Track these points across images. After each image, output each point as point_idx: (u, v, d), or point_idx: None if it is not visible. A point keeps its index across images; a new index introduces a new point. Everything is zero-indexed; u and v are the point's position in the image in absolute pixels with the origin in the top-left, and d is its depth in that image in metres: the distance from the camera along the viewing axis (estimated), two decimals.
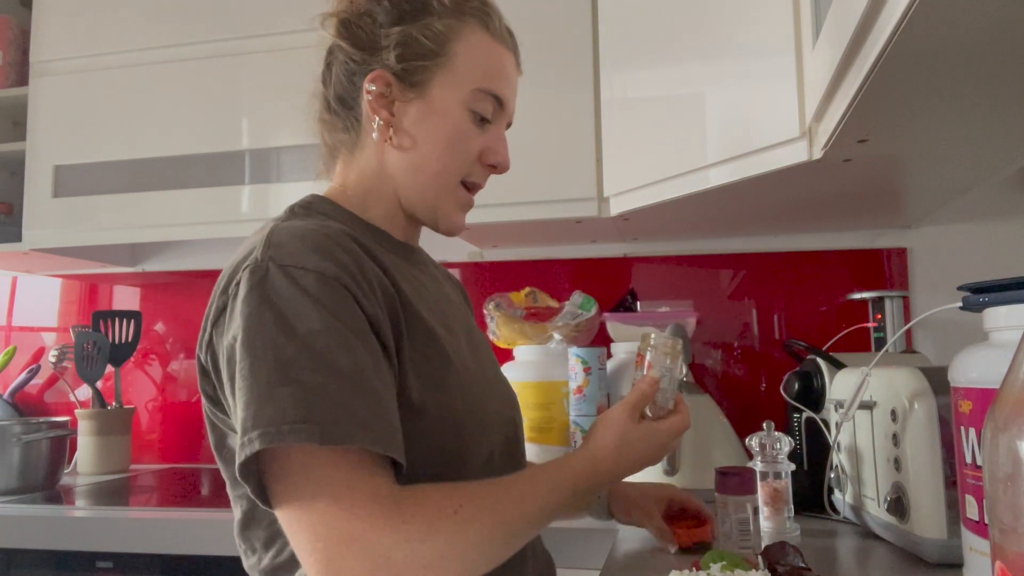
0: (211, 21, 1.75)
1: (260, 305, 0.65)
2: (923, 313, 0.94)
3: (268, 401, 0.62)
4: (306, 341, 0.63)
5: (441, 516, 0.63)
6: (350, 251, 0.70)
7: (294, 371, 0.62)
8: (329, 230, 0.72)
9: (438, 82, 0.80)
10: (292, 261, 0.67)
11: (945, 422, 0.87)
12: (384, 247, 0.81)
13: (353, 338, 0.66)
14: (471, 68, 0.81)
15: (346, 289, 0.67)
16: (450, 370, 0.76)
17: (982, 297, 0.77)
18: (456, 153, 0.81)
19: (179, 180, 1.75)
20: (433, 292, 0.85)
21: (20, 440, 1.61)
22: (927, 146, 1.07)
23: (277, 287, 0.66)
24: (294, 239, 0.69)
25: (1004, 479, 0.45)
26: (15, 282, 2.27)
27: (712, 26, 1.29)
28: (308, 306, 0.65)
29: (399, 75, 0.80)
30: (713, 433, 1.29)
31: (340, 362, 0.64)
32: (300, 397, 0.61)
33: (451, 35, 0.80)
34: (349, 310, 0.67)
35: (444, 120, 0.80)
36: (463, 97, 0.80)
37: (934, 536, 0.88)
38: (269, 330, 0.64)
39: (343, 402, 0.62)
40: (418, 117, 0.80)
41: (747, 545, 0.92)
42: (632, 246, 1.87)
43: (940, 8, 0.64)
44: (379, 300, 0.70)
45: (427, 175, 0.81)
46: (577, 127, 1.54)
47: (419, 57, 0.79)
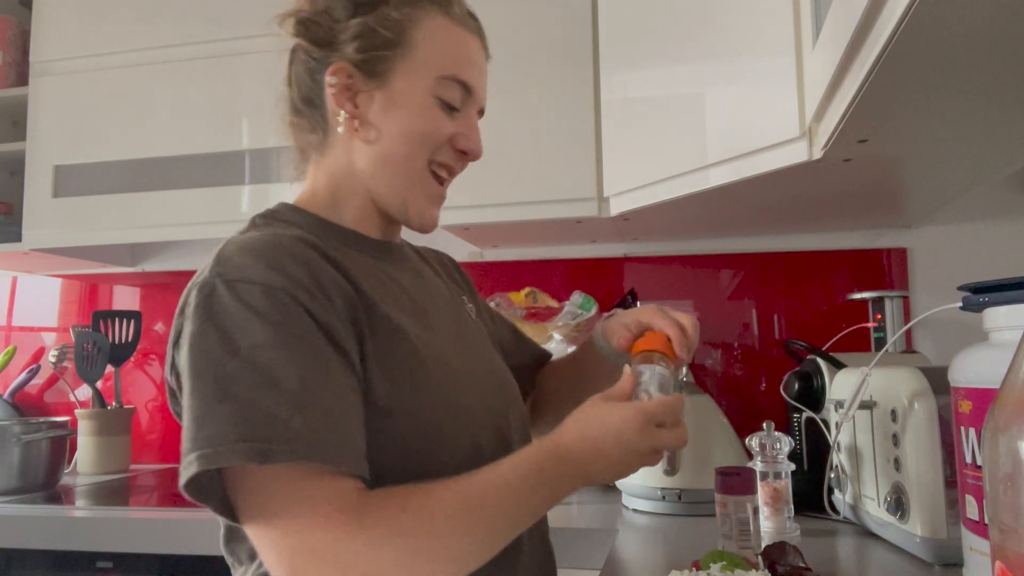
0: (211, 21, 1.75)
1: (204, 323, 0.65)
2: (923, 313, 0.94)
3: (207, 421, 0.62)
4: (248, 357, 0.63)
5: (404, 517, 0.63)
6: (301, 259, 0.69)
7: (234, 388, 0.62)
8: (281, 239, 0.71)
9: (400, 71, 0.79)
10: (238, 275, 0.67)
11: (945, 422, 0.87)
12: (354, 248, 0.80)
13: (300, 350, 0.65)
14: (433, 55, 0.79)
15: (294, 300, 0.66)
16: (421, 368, 0.75)
17: (982, 297, 0.77)
18: (423, 140, 0.79)
19: (179, 180, 1.75)
20: (411, 288, 0.83)
21: (20, 440, 1.61)
22: (927, 146, 1.07)
23: (223, 303, 0.65)
24: (242, 252, 0.69)
25: (1004, 479, 0.45)
26: (15, 282, 2.27)
27: (712, 26, 1.29)
28: (252, 321, 0.64)
29: (360, 66, 0.79)
30: (713, 433, 1.29)
31: (283, 376, 0.63)
32: (238, 415, 0.61)
33: (409, 23, 0.79)
34: (297, 321, 0.66)
35: (409, 109, 0.79)
36: (427, 85, 0.79)
37: (934, 536, 0.88)
38: (211, 348, 0.64)
39: (284, 418, 0.61)
40: (382, 108, 0.79)
41: (747, 545, 0.92)
42: (632, 246, 1.87)
43: (940, 8, 0.64)
44: (335, 306, 0.69)
45: (394, 164, 0.79)
46: (577, 127, 1.54)
47: (379, 47, 0.78)
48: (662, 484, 1.23)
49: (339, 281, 0.71)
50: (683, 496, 1.22)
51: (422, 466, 0.71)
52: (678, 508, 1.23)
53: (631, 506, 1.30)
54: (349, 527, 0.61)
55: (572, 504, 1.36)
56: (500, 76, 1.55)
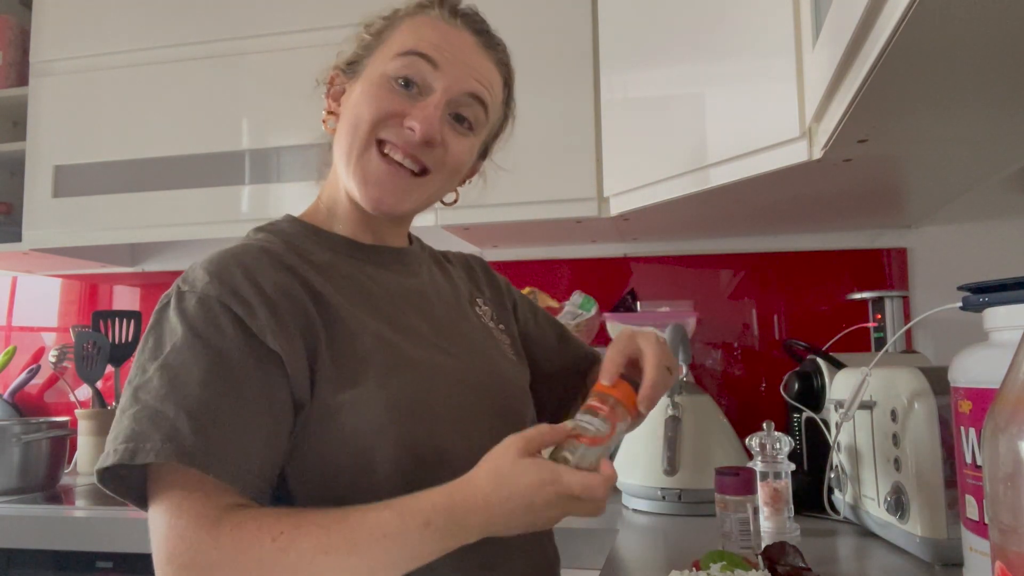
0: (211, 21, 1.75)
1: (148, 333, 0.70)
2: (923, 313, 0.94)
3: (116, 424, 0.67)
4: (164, 364, 0.67)
5: (256, 543, 0.62)
6: (250, 269, 0.72)
7: (142, 393, 0.66)
8: (241, 250, 0.74)
9: (370, 64, 0.83)
10: (187, 287, 0.71)
11: (945, 422, 0.87)
12: (340, 253, 0.82)
13: (213, 360, 0.67)
14: (397, 43, 0.82)
15: (226, 308, 0.69)
16: (382, 365, 0.74)
17: (982, 297, 0.77)
18: (364, 111, 0.79)
19: (179, 180, 1.75)
20: (395, 291, 0.83)
21: (20, 440, 1.61)
22: (927, 146, 1.07)
23: (168, 315, 0.70)
24: (202, 264, 0.73)
25: (1004, 479, 0.45)
26: (15, 282, 2.27)
27: (712, 26, 1.29)
28: (179, 329, 0.68)
29: (344, 69, 0.85)
30: (713, 433, 1.29)
31: (186, 382, 0.66)
32: (136, 418, 0.65)
33: (388, 27, 0.84)
34: (220, 329, 0.68)
35: (362, 88, 0.81)
36: (385, 67, 0.80)
37: (934, 536, 0.88)
38: (143, 357, 0.69)
39: (170, 419, 0.64)
40: (348, 97, 0.84)
41: (747, 545, 0.92)
42: (632, 246, 1.87)
43: (940, 8, 0.64)
44: (277, 313, 0.70)
45: (343, 141, 0.81)
46: (577, 127, 1.54)
47: (360, 48, 0.84)
48: (662, 484, 1.23)
49: (288, 287, 0.73)
50: (683, 496, 1.22)
51: (371, 465, 0.71)
52: (678, 508, 1.23)
53: (631, 506, 1.30)
54: (204, 543, 0.62)
55: None
56: None
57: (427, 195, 0.83)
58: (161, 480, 0.65)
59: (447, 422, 0.76)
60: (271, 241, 0.79)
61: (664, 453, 1.20)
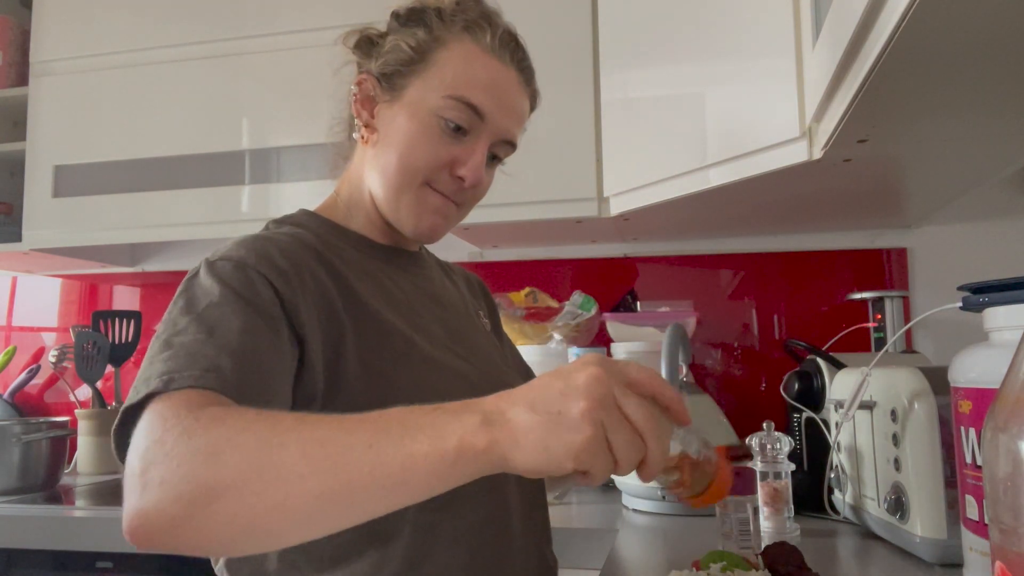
0: (211, 21, 1.75)
1: (178, 297, 0.68)
2: (923, 313, 0.94)
3: (143, 370, 0.61)
4: (200, 315, 0.65)
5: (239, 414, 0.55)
6: (286, 251, 0.72)
7: (176, 340, 0.62)
8: (275, 235, 0.75)
9: (414, 87, 0.81)
10: (218, 256, 0.71)
11: (945, 422, 0.87)
12: (359, 251, 0.83)
13: (250, 313, 0.65)
14: (447, 75, 0.80)
15: (262, 276, 0.69)
16: (402, 361, 0.75)
17: (982, 297, 0.77)
18: (417, 155, 0.80)
19: (179, 180, 1.75)
20: (411, 291, 0.85)
21: (20, 440, 1.61)
22: (927, 146, 1.07)
23: (199, 279, 0.69)
24: (233, 243, 0.73)
25: (1004, 479, 0.45)
26: (15, 282, 2.27)
27: (712, 26, 1.29)
28: (215, 288, 0.67)
29: (381, 79, 0.82)
30: (713, 433, 1.29)
31: (224, 329, 0.63)
32: (170, 360, 0.60)
33: (435, 44, 0.81)
34: (256, 290, 0.68)
35: (410, 121, 0.80)
36: (434, 103, 0.80)
37: (934, 536, 0.88)
38: (174, 314, 0.66)
39: (210, 356, 0.60)
40: (389, 118, 0.82)
41: (747, 545, 0.92)
42: (632, 246, 1.87)
43: (940, 8, 0.64)
44: (307, 293, 0.71)
45: (390, 175, 0.81)
46: (577, 127, 1.54)
47: (401, 63, 0.81)
48: (662, 484, 1.23)
49: (320, 276, 0.74)
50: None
51: None
52: (678, 508, 1.23)
53: (631, 506, 1.30)
54: (185, 418, 0.54)
55: (572, 504, 1.35)
56: None
57: (458, 221, 0.88)
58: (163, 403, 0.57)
59: None
60: (301, 234, 0.79)
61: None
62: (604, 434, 0.49)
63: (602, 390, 0.50)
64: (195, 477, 0.51)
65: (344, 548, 0.71)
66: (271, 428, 0.53)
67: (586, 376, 0.50)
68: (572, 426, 0.49)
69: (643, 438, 0.51)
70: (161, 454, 0.53)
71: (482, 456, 0.50)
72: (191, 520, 0.51)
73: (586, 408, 0.49)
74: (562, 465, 0.49)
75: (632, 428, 0.50)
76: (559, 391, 0.50)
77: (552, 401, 0.50)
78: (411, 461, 0.50)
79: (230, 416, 0.55)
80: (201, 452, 0.52)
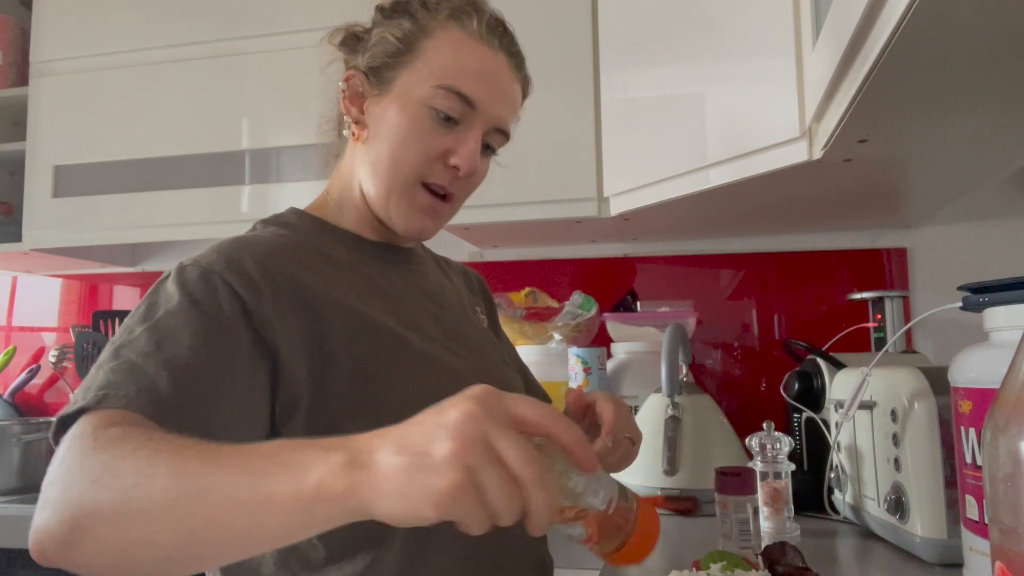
0: (211, 21, 1.75)
1: (146, 298, 0.68)
2: (923, 313, 0.94)
3: (88, 377, 0.61)
4: (155, 324, 0.64)
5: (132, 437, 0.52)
6: (260, 255, 0.71)
7: (125, 350, 0.62)
8: (256, 238, 0.74)
9: (402, 78, 0.79)
10: (190, 261, 0.70)
11: (945, 422, 0.87)
12: (353, 249, 0.82)
13: (206, 325, 0.64)
14: (435, 64, 0.78)
15: (227, 284, 0.67)
16: (399, 362, 0.74)
17: (982, 297, 0.77)
18: (408, 148, 0.78)
19: (179, 180, 1.75)
20: (402, 288, 0.84)
21: (20, 440, 1.61)
22: (927, 146, 1.07)
23: (166, 285, 0.68)
24: (211, 247, 0.72)
25: (1004, 479, 0.45)
26: (15, 282, 2.27)
27: (712, 26, 1.29)
28: (175, 296, 0.66)
29: (369, 73, 0.81)
30: (713, 433, 1.29)
31: (174, 338, 0.62)
32: (114, 371, 0.60)
33: (420, 33, 0.79)
34: (217, 300, 0.66)
35: (400, 114, 0.79)
36: (423, 94, 0.78)
37: (934, 536, 0.88)
38: (135, 317, 0.66)
39: (149, 376, 0.59)
40: (378, 113, 0.80)
41: (747, 545, 0.92)
42: (632, 246, 1.87)
43: (940, 8, 0.64)
44: (280, 299, 0.69)
45: (381, 170, 0.80)
46: (577, 127, 1.54)
47: (387, 55, 0.80)
48: (662, 484, 1.23)
49: (300, 279, 0.72)
50: (683, 496, 1.22)
51: None
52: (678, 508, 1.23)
53: None
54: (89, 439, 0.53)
55: None
56: None
57: (451, 217, 0.87)
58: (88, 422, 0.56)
59: None
60: (283, 235, 0.79)
61: (664, 453, 1.20)
62: (473, 479, 0.43)
63: (475, 428, 0.44)
64: (76, 501, 0.51)
65: (338, 550, 0.71)
66: (150, 456, 0.50)
67: (459, 412, 0.44)
68: (435, 469, 0.43)
69: (521, 485, 0.44)
70: (60, 474, 0.53)
71: (341, 501, 0.45)
72: (74, 544, 0.50)
73: (452, 449, 0.43)
74: (422, 514, 0.43)
75: (507, 474, 0.44)
76: (428, 430, 0.45)
77: (419, 441, 0.44)
78: (268, 502, 0.45)
79: (121, 441, 0.52)
80: (87, 476, 0.51)
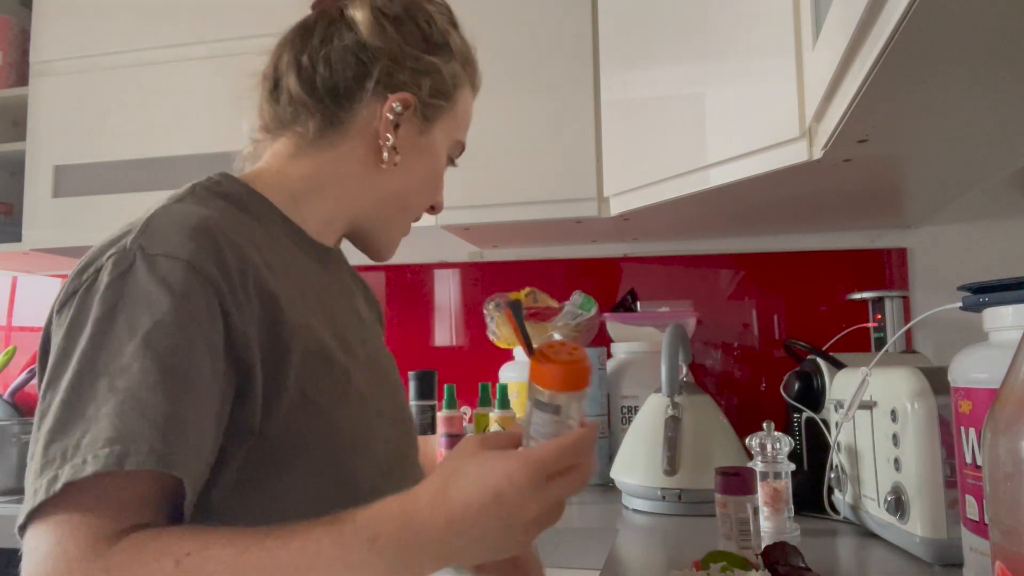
0: (211, 21, 1.75)
1: (113, 307, 0.57)
2: (923, 313, 0.94)
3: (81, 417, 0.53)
4: (147, 342, 0.55)
5: (156, 567, 0.51)
6: (237, 247, 0.62)
7: (122, 380, 0.54)
8: (220, 220, 0.64)
9: (440, 123, 0.81)
10: (162, 250, 0.59)
11: (945, 422, 0.87)
12: (298, 246, 0.74)
13: (200, 334, 0.57)
14: (460, 118, 0.83)
15: (211, 287, 0.59)
16: (345, 396, 0.68)
17: (982, 297, 0.77)
18: (426, 192, 0.83)
19: (179, 180, 1.72)
20: (340, 305, 0.77)
21: (20, 440, 1.61)
22: (927, 146, 1.07)
23: (138, 283, 0.58)
24: (172, 226, 0.61)
25: (1004, 479, 0.45)
26: (15, 282, 2.27)
27: (712, 26, 1.28)
28: (163, 300, 0.57)
29: (420, 105, 0.78)
30: (713, 433, 1.29)
31: (179, 368, 0.56)
32: (117, 413, 0.53)
33: (459, 82, 0.82)
34: (211, 310, 0.59)
35: (433, 159, 0.82)
36: (449, 144, 0.83)
37: (934, 536, 0.88)
38: (116, 337, 0.56)
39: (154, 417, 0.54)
40: (415, 150, 0.79)
41: (747, 545, 0.92)
42: (632, 246, 1.87)
43: (940, 8, 0.64)
44: (251, 315, 0.62)
45: (400, 202, 0.81)
46: (577, 127, 1.54)
47: (439, 94, 0.80)
48: (662, 484, 1.23)
49: (265, 284, 0.64)
50: (683, 496, 1.22)
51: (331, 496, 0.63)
52: (678, 508, 1.23)
53: (631, 506, 1.30)
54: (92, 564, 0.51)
55: (572, 504, 1.36)
56: (500, 76, 1.55)
57: None
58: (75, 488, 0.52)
59: (380, 464, 0.71)
60: (242, 220, 0.69)
61: (664, 453, 1.20)
62: None
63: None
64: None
65: None
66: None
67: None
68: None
69: None
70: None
71: None
72: None
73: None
74: None
75: None
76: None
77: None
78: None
79: None
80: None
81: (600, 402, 1.52)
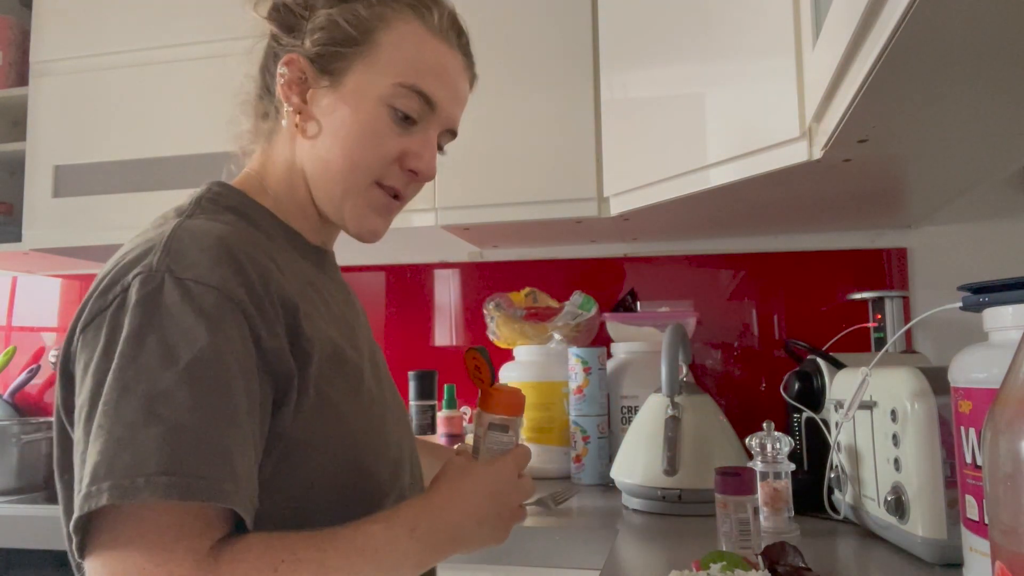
0: (211, 21, 1.75)
1: (144, 326, 0.58)
2: (923, 313, 0.94)
3: (128, 445, 0.54)
4: (189, 371, 0.57)
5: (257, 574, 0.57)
6: (259, 264, 0.64)
7: (165, 407, 0.55)
8: (237, 237, 0.65)
9: (355, 71, 0.73)
10: (192, 274, 0.60)
11: (945, 422, 0.87)
12: (297, 250, 0.75)
13: (238, 374, 0.59)
14: (394, 60, 0.73)
15: (244, 316, 0.61)
16: (358, 394, 0.72)
17: (982, 297, 0.77)
18: (365, 150, 0.73)
19: (179, 180, 1.74)
20: (341, 306, 0.78)
21: (20, 440, 1.61)
22: (927, 146, 1.07)
23: (169, 305, 0.59)
24: (196, 246, 0.62)
25: (1004, 479, 0.45)
26: (15, 282, 2.27)
27: (712, 26, 1.28)
28: (200, 331, 0.58)
29: (314, 60, 0.74)
30: (713, 433, 1.29)
31: (223, 402, 0.58)
32: (166, 441, 0.55)
33: (377, 23, 0.73)
34: (242, 341, 0.60)
35: (355, 112, 0.73)
36: (381, 91, 0.73)
37: (934, 536, 0.88)
38: (149, 357, 0.57)
39: (215, 450, 0.56)
40: (329, 107, 0.74)
41: (747, 545, 0.92)
42: (632, 246, 1.87)
43: (940, 8, 0.64)
44: (280, 329, 0.64)
45: (333, 171, 0.74)
46: (577, 127, 1.54)
47: (338, 43, 0.73)
48: (662, 484, 1.23)
49: (287, 296, 0.66)
50: (683, 496, 1.22)
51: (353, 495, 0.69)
52: (678, 508, 1.23)
53: (631, 506, 1.30)
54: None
55: (572, 504, 1.35)
56: (500, 76, 1.55)
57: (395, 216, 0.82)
58: (152, 512, 0.55)
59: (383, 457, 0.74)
60: (254, 236, 0.70)
61: (664, 453, 1.20)
62: None
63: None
64: None
65: None
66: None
67: None
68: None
69: None
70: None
71: None
72: None
73: None
74: None
75: None
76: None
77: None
78: None
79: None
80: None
81: (600, 402, 1.52)
